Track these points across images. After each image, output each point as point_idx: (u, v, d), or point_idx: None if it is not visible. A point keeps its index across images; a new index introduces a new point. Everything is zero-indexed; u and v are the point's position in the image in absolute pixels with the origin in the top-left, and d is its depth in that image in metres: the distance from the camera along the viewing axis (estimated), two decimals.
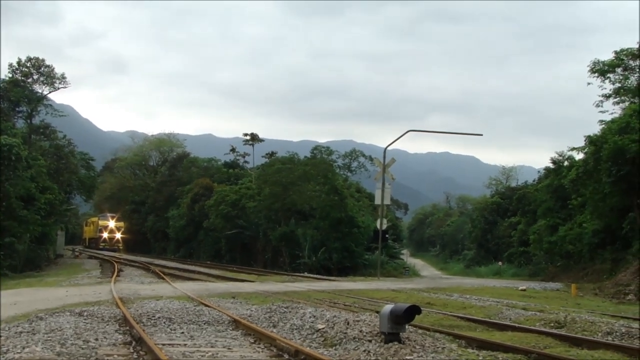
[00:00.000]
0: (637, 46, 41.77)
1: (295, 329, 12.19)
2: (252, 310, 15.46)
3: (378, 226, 39.12)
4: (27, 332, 11.13)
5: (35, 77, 61.95)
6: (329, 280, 34.61)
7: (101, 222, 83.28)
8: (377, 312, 12.45)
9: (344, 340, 10.65)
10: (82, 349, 9.75)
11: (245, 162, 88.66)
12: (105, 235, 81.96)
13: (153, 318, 13.71)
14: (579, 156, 43.53)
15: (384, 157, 39.09)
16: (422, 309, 11.58)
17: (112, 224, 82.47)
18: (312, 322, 12.43)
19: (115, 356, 9.35)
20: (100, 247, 79.44)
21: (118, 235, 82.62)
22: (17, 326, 11.75)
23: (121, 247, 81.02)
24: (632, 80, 43.37)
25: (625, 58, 42.84)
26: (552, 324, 14.68)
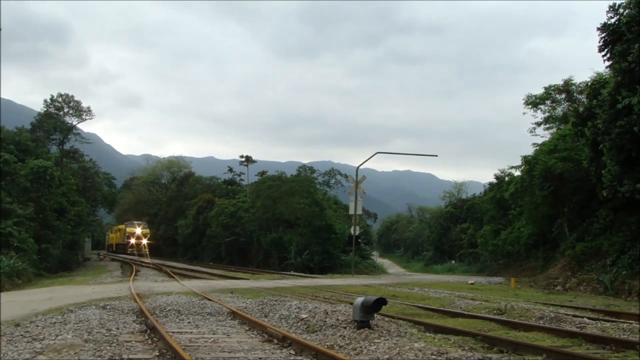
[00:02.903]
0: (562, 83, 42.44)
1: (283, 318, 12.18)
2: (247, 303, 15.43)
3: (352, 232, 39.13)
4: (60, 322, 11.07)
5: (65, 110, 61.89)
6: (312, 277, 34.53)
7: (129, 229, 78.51)
8: (351, 303, 12.49)
9: (324, 327, 10.67)
10: (106, 336, 9.71)
11: (241, 179, 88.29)
12: (132, 241, 76.88)
13: (164, 310, 13.64)
14: (517, 173, 44.02)
15: (357, 175, 39.14)
16: (388, 300, 11.65)
17: (139, 230, 77.41)
18: (297, 313, 12.43)
19: (133, 342, 9.31)
20: (128, 252, 74.98)
21: (144, 241, 76.87)
22: (52, 317, 11.69)
23: (147, 253, 77.60)
24: (559, 110, 43.99)
25: (552, 92, 43.41)
26: (495, 311, 14.79)
